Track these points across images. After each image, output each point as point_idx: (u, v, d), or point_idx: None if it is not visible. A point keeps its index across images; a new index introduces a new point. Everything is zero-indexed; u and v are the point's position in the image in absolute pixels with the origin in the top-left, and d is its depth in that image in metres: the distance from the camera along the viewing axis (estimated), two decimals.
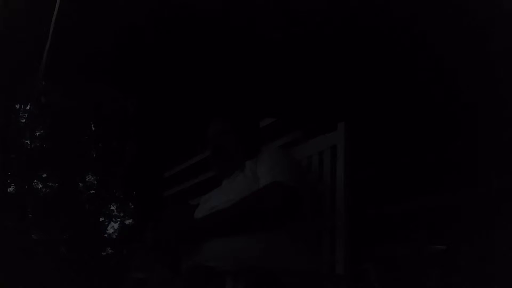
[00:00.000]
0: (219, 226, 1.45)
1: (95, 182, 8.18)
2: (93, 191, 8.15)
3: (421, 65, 2.32)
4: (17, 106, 6.90)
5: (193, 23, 2.59)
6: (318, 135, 1.76)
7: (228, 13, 2.43)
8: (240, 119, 1.82)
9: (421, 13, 2.12)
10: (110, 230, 8.38)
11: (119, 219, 8.40)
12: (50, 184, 7.92)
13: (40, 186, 7.90)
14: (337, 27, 2.35)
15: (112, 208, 8.31)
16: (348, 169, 1.61)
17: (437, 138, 2.35)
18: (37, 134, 7.59)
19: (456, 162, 2.26)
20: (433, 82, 2.33)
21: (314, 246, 1.58)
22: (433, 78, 2.32)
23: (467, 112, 2.23)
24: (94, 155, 7.97)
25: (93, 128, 7.75)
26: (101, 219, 8.18)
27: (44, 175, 7.86)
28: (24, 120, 7.26)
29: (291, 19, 2.37)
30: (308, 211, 1.61)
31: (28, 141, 7.38)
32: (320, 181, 1.69)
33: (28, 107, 6.92)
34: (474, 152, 2.21)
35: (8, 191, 6.84)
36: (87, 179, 8.22)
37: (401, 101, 2.46)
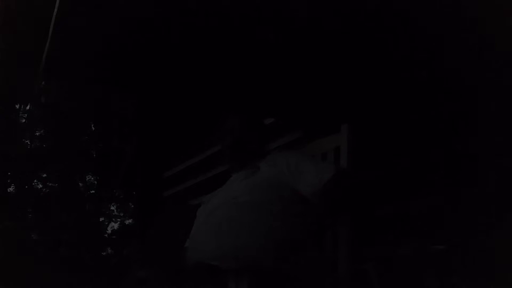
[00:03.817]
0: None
1: (95, 182, 8.18)
2: (93, 191, 8.15)
3: (425, 67, 2.32)
4: (17, 106, 6.90)
5: (194, 24, 2.59)
6: (319, 136, 1.77)
7: (231, 13, 2.43)
8: (259, 118, 1.86)
9: (426, 15, 2.12)
10: (110, 230, 8.37)
11: (119, 219, 8.39)
12: (50, 184, 7.91)
13: (40, 186, 7.90)
14: (341, 30, 2.36)
15: (112, 208, 8.31)
16: (351, 171, 1.62)
17: (439, 139, 2.35)
18: (37, 134, 7.59)
19: (456, 163, 2.26)
20: (436, 84, 2.33)
21: (317, 245, 1.58)
22: (437, 80, 2.33)
23: (468, 113, 2.24)
24: (94, 155, 7.97)
25: (93, 128, 7.75)
26: (101, 219, 8.17)
27: (44, 175, 7.85)
28: (24, 120, 7.26)
29: (295, 20, 2.37)
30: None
31: (28, 141, 7.38)
32: None
33: (28, 107, 6.92)
34: (475, 153, 2.21)
35: (8, 191, 6.84)
36: (87, 179, 8.22)
37: (404, 103, 2.46)
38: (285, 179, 1.54)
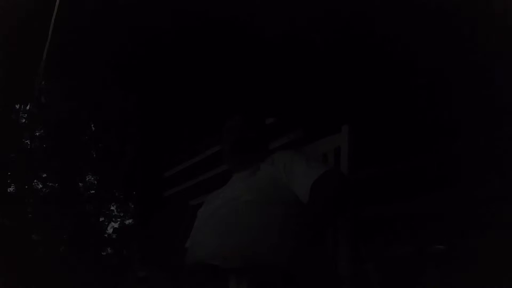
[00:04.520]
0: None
1: (95, 182, 8.17)
2: (93, 191, 8.15)
3: (426, 68, 2.32)
4: (17, 106, 6.89)
5: (195, 24, 2.59)
6: (320, 137, 1.77)
7: (233, 13, 2.43)
8: (260, 118, 1.85)
9: (425, 17, 2.13)
10: (110, 230, 8.37)
11: (119, 219, 8.38)
12: (50, 184, 7.91)
13: (40, 186, 7.89)
14: (342, 31, 2.36)
15: (112, 208, 8.30)
16: (352, 171, 1.62)
17: (439, 140, 2.35)
18: (37, 134, 7.58)
19: (456, 163, 2.26)
20: (436, 85, 2.34)
21: (318, 245, 1.57)
22: (437, 81, 2.33)
23: (469, 114, 2.24)
24: (94, 155, 7.96)
25: (93, 128, 7.74)
26: (101, 219, 8.17)
27: (44, 175, 7.85)
28: (24, 120, 7.25)
29: (296, 21, 2.37)
30: None
31: (28, 141, 7.37)
32: None
33: (28, 107, 6.91)
34: (475, 153, 2.21)
35: (8, 191, 6.83)
36: (87, 179, 8.21)
37: (405, 104, 2.46)
38: (282, 179, 1.54)
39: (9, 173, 6.74)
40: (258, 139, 1.76)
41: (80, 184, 8.07)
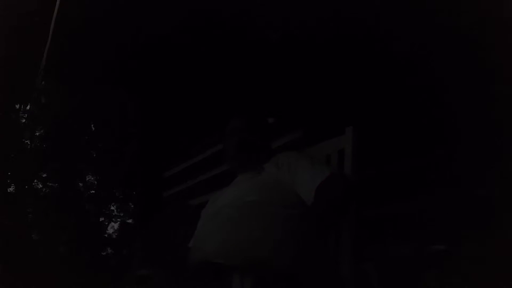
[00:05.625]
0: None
1: (95, 182, 8.17)
2: (93, 191, 8.14)
3: (429, 70, 2.32)
4: (17, 106, 6.89)
5: (196, 24, 2.59)
6: (323, 138, 1.78)
7: (235, 13, 2.43)
8: (264, 118, 1.85)
9: (428, 18, 2.13)
10: (110, 230, 8.36)
11: (119, 219, 8.38)
12: (50, 184, 7.90)
13: (40, 186, 7.89)
14: (346, 30, 2.36)
15: (112, 208, 8.30)
16: (355, 173, 1.62)
17: (441, 141, 2.35)
18: (37, 134, 7.57)
19: (457, 164, 2.26)
20: (442, 87, 2.34)
21: (320, 245, 1.57)
22: (443, 83, 2.33)
23: (472, 115, 2.24)
24: (94, 155, 7.96)
25: (93, 128, 7.74)
26: (101, 219, 8.17)
27: (44, 175, 7.84)
28: (24, 120, 7.25)
29: (298, 21, 2.37)
30: None
31: (28, 141, 7.36)
32: None
33: (28, 107, 6.91)
34: (475, 155, 2.21)
35: (8, 191, 6.83)
36: (87, 179, 8.21)
37: (408, 106, 2.46)
38: (287, 180, 1.54)
39: (9, 173, 6.74)
40: (261, 140, 1.77)
41: (80, 184, 8.06)
